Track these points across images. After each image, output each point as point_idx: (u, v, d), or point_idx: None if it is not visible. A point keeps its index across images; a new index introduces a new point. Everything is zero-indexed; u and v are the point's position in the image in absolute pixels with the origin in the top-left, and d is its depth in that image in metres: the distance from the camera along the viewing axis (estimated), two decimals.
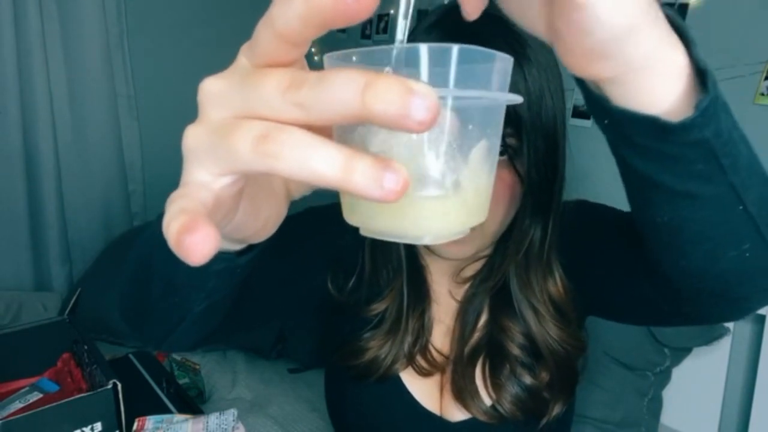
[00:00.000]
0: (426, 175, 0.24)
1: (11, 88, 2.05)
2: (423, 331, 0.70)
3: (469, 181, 0.25)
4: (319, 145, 0.20)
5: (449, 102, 0.23)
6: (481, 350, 0.69)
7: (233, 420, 0.99)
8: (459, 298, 0.72)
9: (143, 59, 2.44)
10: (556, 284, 0.65)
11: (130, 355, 1.38)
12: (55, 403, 0.87)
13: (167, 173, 2.56)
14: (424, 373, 0.69)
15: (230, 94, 0.23)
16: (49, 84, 2.14)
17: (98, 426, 0.91)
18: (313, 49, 2.82)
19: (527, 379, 0.66)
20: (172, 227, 0.21)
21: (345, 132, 0.25)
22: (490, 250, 0.69)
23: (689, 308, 0.50)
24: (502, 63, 0.25)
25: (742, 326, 1.46)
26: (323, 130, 0.21)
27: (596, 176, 1.67)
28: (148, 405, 1.15)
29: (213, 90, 0.23)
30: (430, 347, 0.70)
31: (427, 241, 0.26)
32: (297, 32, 0.21)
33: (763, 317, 1.39)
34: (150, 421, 0.99)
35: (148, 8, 2.44)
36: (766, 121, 1.36)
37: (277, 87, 0.21)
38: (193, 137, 0.23)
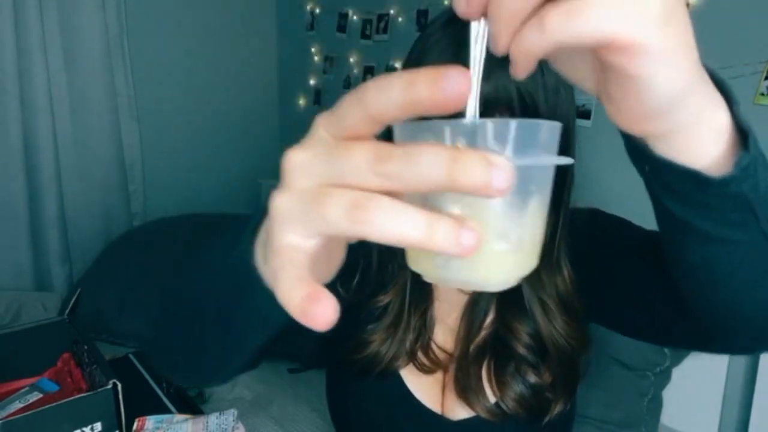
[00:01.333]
0: (494, 231, 0.27)
1: (11, 88, 2.06)
2: (425, 329, 0.70)
3: (529, 234, 0.29)
4: (405, 211, 0.23)
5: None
6: (487, 349, 0.69)
7: (233, 420, 0.99)
8: (469, 295, 0.72)
9: (143, 59, 2.45)
10: (564, 280, 0.66)
11: (130, 355, 1.38)
12: (55, 403, 0.87)
13: (167, 173, 2.56)
14: (425, 370, 0.69)
15: (316, 164, 0.25)
16: (49, 84, 2.14)
17: (98, 426, 0.91)
18: (312, 49, 2.82)
19: (531, 378, 0.66)
20: (294, 297, 0.24)
21: (419, 196, 0.27)
22: None
23: (713, 343, 0.51)
24: (551, 128, 0.28)
25: None
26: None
27: (597, 176, 1.67)
28: (148, 405, 1.15)
29: (298, 161, 0.26)
30: (432, 345, 0.71)
31: (489, 288, 0.30)
32: (390, 117, 0.24)
33: None
34: (150, 421, 1.00)
35: (148, 8, 2.45)
36: (766, 121, 1.36)
37: (366, 159, 0.24)
38: (283, 203, 0.26)
